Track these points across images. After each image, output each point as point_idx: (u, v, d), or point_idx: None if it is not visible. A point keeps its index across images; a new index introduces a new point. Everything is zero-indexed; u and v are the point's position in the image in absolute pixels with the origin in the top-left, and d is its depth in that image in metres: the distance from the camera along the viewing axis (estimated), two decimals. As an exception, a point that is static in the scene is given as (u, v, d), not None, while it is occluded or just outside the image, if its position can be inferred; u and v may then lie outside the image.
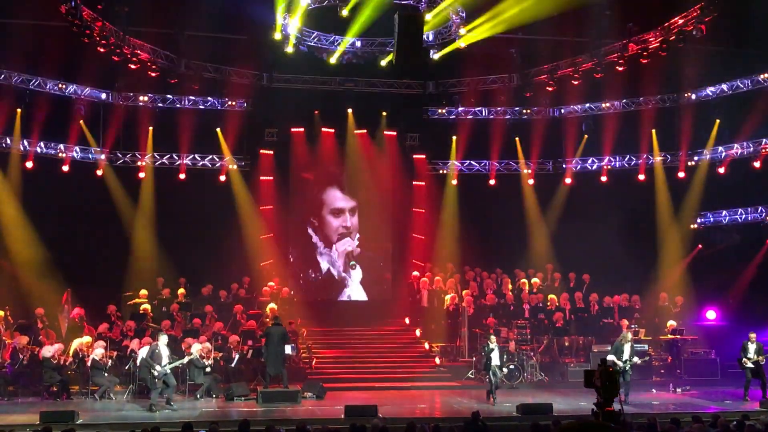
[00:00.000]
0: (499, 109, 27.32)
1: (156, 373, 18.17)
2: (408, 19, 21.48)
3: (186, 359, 19.37)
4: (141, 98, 25.38)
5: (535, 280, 25.60)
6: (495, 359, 19.35)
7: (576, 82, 24.91)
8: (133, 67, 23.14)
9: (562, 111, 27.52)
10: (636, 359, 19.49)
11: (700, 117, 25.72)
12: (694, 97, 25.73)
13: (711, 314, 24.56)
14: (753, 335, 19.58)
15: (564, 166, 27.50)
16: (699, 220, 26.55)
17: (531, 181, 27.53)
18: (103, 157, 25.23)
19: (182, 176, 25.86)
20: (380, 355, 24.10)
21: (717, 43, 23.31)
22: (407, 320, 25.77)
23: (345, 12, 22.60)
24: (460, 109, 27.32)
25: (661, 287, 25.02)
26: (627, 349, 19.33)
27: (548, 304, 24.31)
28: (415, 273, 26.05)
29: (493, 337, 19.81)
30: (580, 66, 24.35)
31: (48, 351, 19.50)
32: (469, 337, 23.71)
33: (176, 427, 14.51)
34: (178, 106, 25.79)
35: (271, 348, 19.89)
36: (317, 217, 26.84)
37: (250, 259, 25.75)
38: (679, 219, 26.22)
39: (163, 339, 18.76)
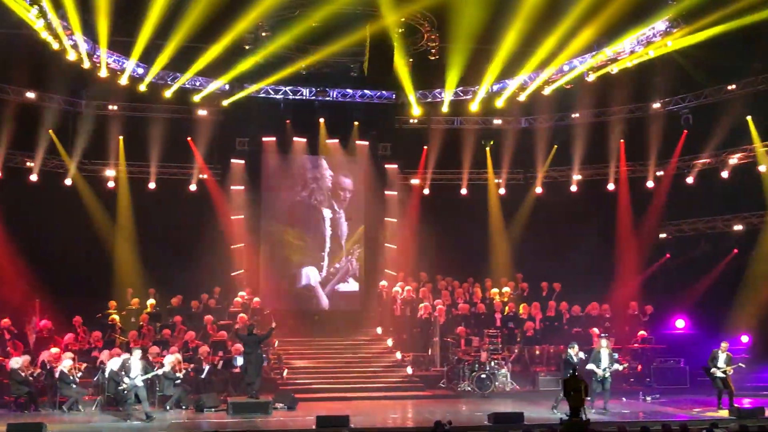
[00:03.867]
0: (470, 119, 27.45)
1: (124, 385, 18.09)
2: (379, 30, 21.54)
3: (160, 371, 19.20)
4: (111, 107, 25.21)
5: (506, 289, 25.70)
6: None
7: (546, 93, 25.20)
8: (102, 75, 23.06)
9: (533, 121, 27.73)
10: (617, 366, 19.55)
11: (668, 127, 25.98)
12: (662, 107, 26.00)
13: (680, 323, 24.77)
14: (725, 345, 19.56)
15: (535, 176, 27.67)
16: (668, 230, 26.78)
17: (502, 191, 27.69)
18: (72, 166, 25.00)
19: (152, 185, 25.71)
20: (352, 365, 24.02)
21: (685, 55, 23.61)
22: (379, 330, 25.71)
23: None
24: (433, 118, 27.40)
25: (630, 296, 25.18)
26: (604, 356, 19.33)
27: (520, 313, 24.39)
28: (386, 283, 26.03)
29: (576, 347, 19.47)
30: (550, 77, 24.58)
31: (16, 363, 19.25)
32: (441, 347, 23.73)
33: (144, 439, 14.46)
34: (148, 115, 25.64)
35: (246, 358, 20.13)
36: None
37: (221, 269, 25.65)
38: (648, 228, 26.44)
39: (136, 353, 18.66)
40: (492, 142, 27.64)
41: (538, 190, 27.49)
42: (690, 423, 14.62)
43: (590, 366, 18.73)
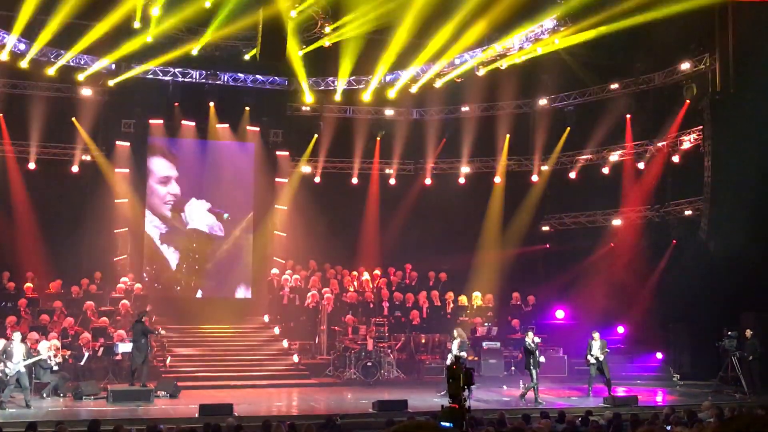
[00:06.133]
0: (363, 108, 27.53)
1: (8, 371, 17.55)
2: (272, 15, 21.33)
3: (45, 356, 18.61)
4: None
5: (393, 278, 25.96)
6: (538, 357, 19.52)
7: (438, 86, 25.54)
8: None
9: (424, 113, 28.06)
10: (463, 353, 20.16)
11: (553, 123, 26.72)
12: (548, 104, 26.69)
13: (560, 313, 25.53)
14: (596, 334, 20.34)
15: (424, 167, 28.00)
16: (550, 223, 27.55)
17: (393, 181, 27.94)
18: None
19: (32, 165, 24.75)
20: (238, 353, 23.83)
21: (572, 53, 24.33)
22: (266, 318, 25.57)
23: (208, 3, 22.23)
24: (325, 106, 27.33)
25: (512, 286, 25.79)
26: (454, 345, 19.97)
27: (406, 302, 24.66)
28: (276, 270, 25.88)
29: (531, 334, 19.82)
30: (442, 70, 24.91)
31: None
32: (328, 335, 23.78)
33: (20, 427, 13.96)
34: (30, 92, 24.67)
35: (133, 345, 19.67)
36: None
37: (103, 254, 24.96)
38: (530, 221, 27.14)
39: (17, 336, 18.12)
40: (383, 133, 27.82)
41: (428, 181, 27.85)
42: (567, 410, 15.12)
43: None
